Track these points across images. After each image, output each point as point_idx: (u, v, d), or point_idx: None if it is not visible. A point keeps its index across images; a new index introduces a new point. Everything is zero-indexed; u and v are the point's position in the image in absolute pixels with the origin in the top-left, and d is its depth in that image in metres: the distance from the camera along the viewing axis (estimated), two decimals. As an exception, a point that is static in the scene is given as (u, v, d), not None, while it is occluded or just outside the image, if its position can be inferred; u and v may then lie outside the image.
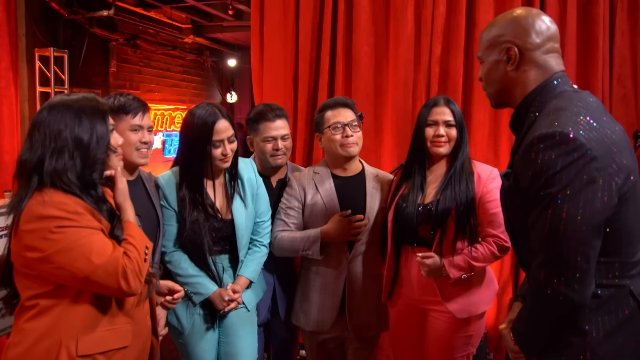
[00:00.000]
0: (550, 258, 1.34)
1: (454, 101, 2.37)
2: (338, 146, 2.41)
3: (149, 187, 2.28)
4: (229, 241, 2.36)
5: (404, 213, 2.30)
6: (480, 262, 2.23)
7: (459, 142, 2.30)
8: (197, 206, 2.28)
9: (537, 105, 1.48)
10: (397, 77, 3.36)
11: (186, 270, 2.30)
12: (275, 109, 2.57)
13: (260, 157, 2.62)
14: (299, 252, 2.43)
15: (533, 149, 1.35)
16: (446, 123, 2.29)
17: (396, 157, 3.37)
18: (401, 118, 3.35)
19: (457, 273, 2.22)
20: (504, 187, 1.55)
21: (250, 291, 2.44)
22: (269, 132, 2.54)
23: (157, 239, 2.26)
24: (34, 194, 1.51)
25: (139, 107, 2.14)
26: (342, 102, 2.46)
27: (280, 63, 3.60)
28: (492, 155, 3.34)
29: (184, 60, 8.66)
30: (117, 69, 6.85)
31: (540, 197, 1.34)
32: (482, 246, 2.24)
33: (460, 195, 2.21)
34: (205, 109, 2.25)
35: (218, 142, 2.24)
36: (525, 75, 1.52)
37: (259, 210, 2.45)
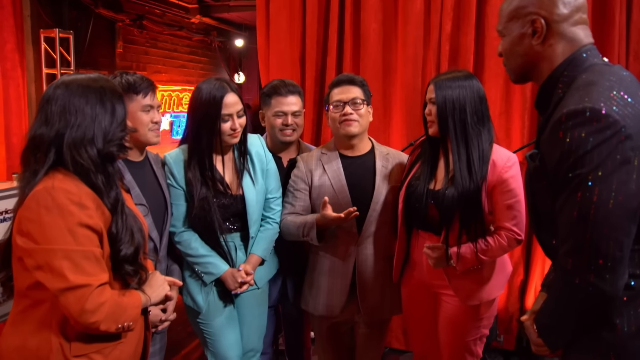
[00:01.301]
0: (579, 245, 1.22)
1: None
2: (337, 124, 2.33)
3: (156, 169, 2.22)
4: (240, 218, 2.31)
5: (413, 196, 2.20)
6: (489, 256, 2.12)
7: (441, 122, 2.10)
8: (206, 183, 2.21)
9: (565, 80, 1.36)
10: (406, 55, 3.27)
11: (197, 250, 2.24)
12: (289, 85, 2.53)
13: (271, 132, 2.57)
14: (300, 237, 2.35)
15: (561, 127, 1.23)
16: (430, 100, 2.16)
17: (405, 137, 3.30)
18: (410, 96, 3.26)
19: (464, 266, 2.12)
20: (529, 169, 1.43)
21: (261, 268, 2.38)
22: (280, 107, 2.49)
23: (165, 222, 2.20)
24: (47, 175, 1.44)
25: (149, 86, 2.08)
26: (347, 79, 2.35)
27: (287, 41, 3.51)
28: (504, 134, 3.24)
29: (191, 40, 8.49)
30: (123, 50, 6.72)
31: (569, 179, 1.23)
32: (493, 239, 2.11)
33: (469, 185, 2.06)
34: (213, 84, 2.18)
35: (227, 117, 2.18)
36: (552, 49, 1.39)
37: (270, 186, 2.39)
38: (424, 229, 2.22)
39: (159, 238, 2.14)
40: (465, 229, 2.10)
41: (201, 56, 8.98)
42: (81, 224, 1.41)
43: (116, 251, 1.49)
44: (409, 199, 2.23)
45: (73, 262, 1.39)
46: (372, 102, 3.07)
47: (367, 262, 2.36)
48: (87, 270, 1.41)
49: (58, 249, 1.38)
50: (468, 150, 2.08)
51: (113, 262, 1.51)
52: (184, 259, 2.30)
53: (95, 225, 1.44)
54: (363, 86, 2.35)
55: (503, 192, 2.08)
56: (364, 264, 2.35)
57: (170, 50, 7.99)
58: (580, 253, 1.22)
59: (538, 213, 1.46)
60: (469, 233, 2.11)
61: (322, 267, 2.40)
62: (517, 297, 3.33)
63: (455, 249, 2.10)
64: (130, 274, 1.54)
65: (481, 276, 2.18)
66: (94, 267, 1.42)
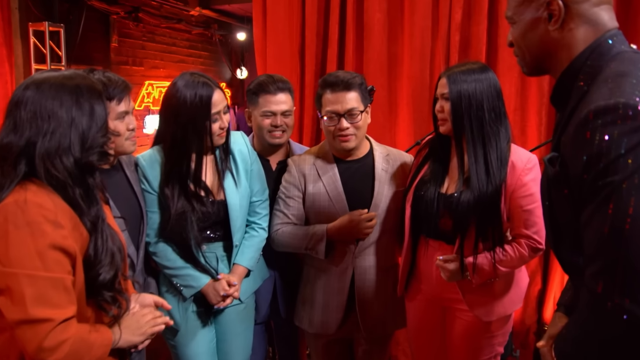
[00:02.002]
0: (611, 265, 1.07)
1: None
2: (332, 138, 2.20)
3: (129, 174, 2.09)
4: (223, 225, 2.19)
5: (423, 200, 2.08)
6: (508, 267, 2.01)
7: (456, 120, 1.98)
8: (185, 194, 2.09)
9: (588, 71, 1.21)
10: (413, 47, 3.18)
11: (175, 262, 2.13)
12: (278, 81, 2.39)
13: (258, 133, 2.44)
14: (301, 250, 2.24)
15: (588, 127, 1.08)
16: (443, 96, 2.03)
17: (412, 135, 3.20)
18: (418, 91, 3.16)
19: (481, 279, 2.01)
20: (548, 175, 1.28)
21: (245, 280, 2.26)
22: (268, 106, 2.36)
23: (141, 232, 2.07)
24: (19, 185, 1.31)
25: (123, 89, 1.91)
26: (343, 83, 2.14)
27: (285, 33, 3.43)
28: (519, 132, 3.13)
29: (190, 34, 8.43)
30: (118, 44, 6.63)
31: (598, 187, 1.07)
32: (512, 248, 2.00)
33: (487, 189, 1.94)
34: (194, 81, 2.04)
35: (216, 116, 2.07)
36: (572, 35, 1.25)
37: (254, 188, 2.27)
38: (435, 237, 2.11)
39: (135, 253, 2.02)
40: (482, 237, 1.99)
41: (201, 50, 8.92)
42: (53, 245, 1.28)
43: (94, 276, 1.36)
44: (417, 204, 2.11)
45: (38, 290, 1.26)
46: (376, 98, 2.98)
47: (367, 274, 2.25)
48: (53, 302, 1.28)
49: (22, 274, 1.25)
50: (485, 151, 1.96)
51: (89, 288, 1.38)
52: (160, 271, 2.19)
53: (69, 247, 1.31)
54: (361, 86, 2.18)
55: (523, 196, 1.97)
56: (363, 277, 2.24)
57: (168, 45, 7.93)
58: (612, 274, 1.07)
59: (556, 225, 1.31)
60: (485, 242, 1.99)
61: (316, 281, 2.29)
62: (535, 309, 3.23)
63: (470, 259, 1.99)
64: (108, 300, 1.41)
65: (497, 289, 2.08)
66: (61, 297, 1.29)
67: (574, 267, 1.26)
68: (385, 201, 2.22)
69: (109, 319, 1.46)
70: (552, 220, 1.33)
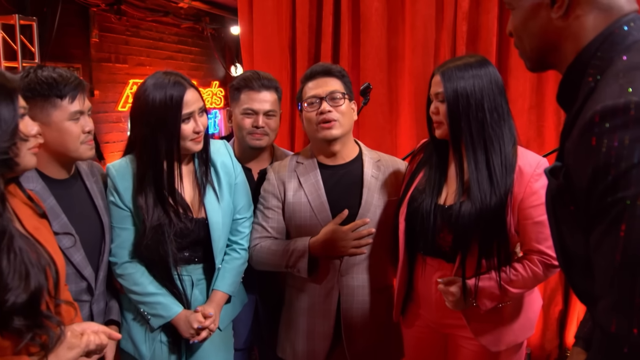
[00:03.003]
0: (626, 299, 0.97)
1: None
2: (314, 126, 2.16)
3: (89, 185, 2.04)
4: (203, 246, 2.15)
5: (418, 213, 2.03)
6: (520, 288, 1.94)
7: (453, 123, 1.93)
8: (162, 206, 2.05)
9: (598, 63, 1.13)
10: (416, 39, 3.18)
11: (144, 287, 2.08)
12: (263, 78, 2.38)
13: (238, 135, 2.42)
14: (282, 268, 2.19)
15: (594, 131, 0.99)
16: (437, 96, 1.98)
17: (415, 138, 3.19)
18: (421, 89, 3.13)
19: (490, 303, 1.94)
20: (551, 189, 1.20)
21: (225, 306, 2.21)
22: (250, 104, 2.35)
23: (102, 251, 2.02)
24: None
25: (77, 86, 1.86)
26: (322, 69, 2.20)
27: (273, 25, 3.46)
28: (535, 134, 3.12)
29: (179, 28, 8.46)
30: (99, 40, 6.65)
31: (607, 205, 0.98)
32: (524, 266, 1.93)
33: (490, 199, 1.88)
34: (165, 80, 2.00)
35: (188, 116, 2.02)
36: (580, 23, 1.17)
37: (239, 204, 2.24)
38: (432, 254, 2.05)
39: (94, 275, 1.96)
40: (485, 254, 1.92)
41: (191, 46, 8.96)
42: None
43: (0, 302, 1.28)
44: (412, 217, 2.05)
45: None
46: (374, 97, 2.94)
47: (355, 296, 2.19)
48: None
49: None
50: (487, 156, 1.90)
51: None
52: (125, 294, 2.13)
53: None
54: (343, 77, 2.19)
55: (533, 206, 1.89)
56: (351, 299, 2.19)
57: (155, 40, 7.97)
58: (628, 309, 0.97)
59: (565, 247, 1.22)
60: (490, 259, 1.93)
61: (299, 304, 2.24)
62: (555, 333, 3.21)
63: (473, 281, 1.92)
64: (22, 330, 1.33)
65: (506, 314, 2.01)
66: None
67: (589, 296, 1.18)
68: (375, 211, 2.17)
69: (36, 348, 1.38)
70: (559, 241, 1.25)
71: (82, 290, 1.92)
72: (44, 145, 1.77)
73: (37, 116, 1.75)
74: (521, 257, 1.97)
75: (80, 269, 1.88)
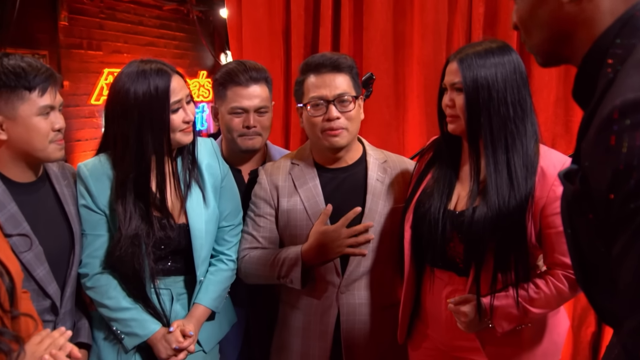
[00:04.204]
0: None
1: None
2: (319, 132, 2.19)
3: (59, 188, 2.08)
4: (183, 256, 2.20)
5: (426, 219, 2.06)
6: (542, 308, 1.95)
7: (471, 117, 1.95)
8: (142, 211, 2.10)
9: (617, 52, 1.15)
10: (425, 23, 3.18)
11: (117, 301, 2.12)
12: (251, 69, 2.41)
13: (227, 136, 2.46)
14: (274, 279, 2.23)
15: (613, 129, 1.01)
16: (453, 86, 1.99)
17: (425, 134, 3.19)
18: (431, 79, 3.13)
19: (508, 325, 1.96)
20: (566, 196, 1.22)
21: (209, 325, 2.26)
22: (238, 101, 2.38)
23: (70, 264, 2.05)
24: None
25: (48, 78, 1.90)
26: (330, 63, 2.18)
27: (265, 7, 3.46)
28: (562, 129, 3.11)
29: (161, 10, 8.48)
30: (69, 23, 6.65)
31: (630, 212, 0.99)
32: (546, 282, 1.94)
33: (509, 204, 1.90)
34: (145, 68, 2.04)
35: (176, 104, 2.07)
36: (594, 6, 1.19)
37: (225, 210, 2.29)
38: (442, 266, 2.09)
39: (59, 292, 1.98)
40: (502, 268, 1.94)
41: (175, 31, 8.98)
42: None
43: None
44: (419, 223, 2.09)
45: None
46: (379, 89, 2.97)
47: (357, 315, 2.23)
48: None
49: None
50: (509, 156, 1.93)
51: None
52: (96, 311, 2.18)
53: None
54: (352, 70, 2.21)
55: (557, 213, 1.90)
56: (352, 318, 2.23)
57: (133, 24, 7.98)
58: None
59: (583, 259, 1.25)
60: (507, 274, 1.95)
61: (293, 324, 2.29)
62: (588, 358, 3.19)
63: (488, 299, 1.94)
64: None
65: (527, 338, 2.04)
66: None
67: (613, 316, 1.20)
68: (379, 220, 2.22)
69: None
70: (577, 254, 1.27)
71: (45, 309, 1.93)
72: (7, 142, 1.82)
73: (2, 109, 1.80)
74: (543, 272, 1.99)
75: (44, 285, 1.90)
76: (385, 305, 2.26)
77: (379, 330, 2.25)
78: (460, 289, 2.01)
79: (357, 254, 2.17)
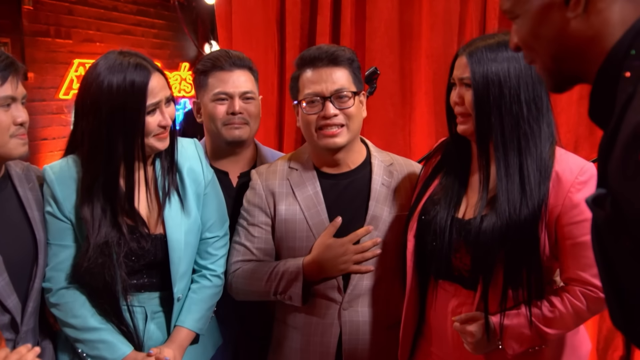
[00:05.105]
0: None
1: None
2: (314, 131, 2.22)
3: (22, 192, 2.09)
4: (160, 270, 2.20)
5: (431, 227, 2.09)
6: (557, 328, 1.97)
7: (481, 115, 1.97)
8: (112, 218, 2.11)
9: (634, 64, 1.18)
10: (435, 12, 3.22)
11: (84, 321, 2.12)
12: (234, 57, 2.48)
13: (211, 130, 2.50)
14: (270, 296, 2.25)
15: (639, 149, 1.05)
16: (462, 81, 2.02)
17: (434, 135, 3.22)
18: (441, 75, 3.15)
19: (519, 347, 1.98)
20: (596, 223, 1.25)
21: (192, 349, 2.26)
22: (221, 87, 2.44)
23: (33, 275, 2.06)
24: None
25: (7, 66, 1.92)
26: (326, 56, 2.21)
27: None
28: (586, 130, 3.14)
29: (139, -6, 8.52)
30: (34, 8, 6.66)
31: None
32: (562, 300, 1.96)
33: (520, 212, 1.93)
34: (123, 62, 2.06)
35: (153, 107, 2.08)
36: (603, 18, 1.22)
37: (209, 219, 2.30)
38: (447, 278, 2.11)
39: (20, 307, 1.98)
40: (512, 282, 1.97)
41: (154, 18, 8.99)
42: None
43: None
44: (423, 232, 2.12)
45: None
46: (383, 85, 2.99)
47: (360, 334, 2.25)
48: None
49: None
50: (521, 159, 1.95)
51: None
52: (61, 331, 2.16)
53: None
54: (352, 64, 2.24)
55: (574, 222, 1.94)
56: (355, 338, 2.25)
57: (107, 9, 7.97)
58: None
59: (619, 290, 1.28)
60: (518, 289, 1.97)
61: (290, 344, 2.30)
62: None
63: (497, 318, 1.97)
64: None
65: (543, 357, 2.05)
66: None
67: None
68: (383, 229, 2.24)
69: None
70: (613, 286, 1.29)
71: (4, 325, 1.93)
72: None
73: None
74: (559, 288, 2.01)
75: (2, 298, 1.90)
76: (391, 323, 2.26)
77: (384, 351, 2.27)
78: (467, 303, 2.04)
79: (363, 272, 2.21)
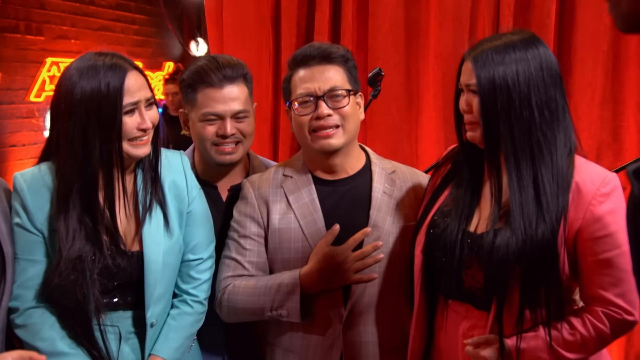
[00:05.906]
0: None
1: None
2: (307, 133, 2.26)
3: None
4: (136, 290, 2.21)
5: (440, 242, 2.12)
6: (578, 352, 1.99)
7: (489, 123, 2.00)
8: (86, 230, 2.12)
9: None
10: (444, 8, 3.26)
11: (51, 344, 2.11)
12: (225, 66, 2.44)
13: (200, 147, 2.50)
14: (264, 314, 2.26)
15: None
16: (469, 87, 2.05)
17: (443, 141, 3.27)
18: (450, 76, 3.05)
19: None
20: (635, 197, 1.29)
21: None
22: (211, 106, 2.41)
23: (1, 293, 2.08)
24: None
25: None
26: (318, 53, 2.26)
27: None
28: (609, 137, 3.19)
29: (118, -13, 8.53)
30: (2, 1, 6.65)
31: None
32: (583, 321, 1.98)
33: (537, 227, 1.95)
34: (99, 63, 2.09)
35: (131, 107, 2.10)
36: None
37: (192, 239, 2.32)
38: (457, 297, 2.14)
39: None
40: (529, 302, 1.99)
41: (135, 12, 9.01)
42: None
43: None
44: (432, 247, 2.15)
45: None
46: (387, 87, 3.02)
47: (363, 356, 2.27)
48: None
49: None
50: (535, 169, 1.98)
51: None
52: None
53: None
54: (347, 62, 2.29)
55: (596, 237, 1.95)
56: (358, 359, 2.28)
57: (83, 3, 7.98)
58: None
59: None
60: (536, 310, 1.99)
61: None
62: None
63: (513, 340, 1.99)
64: None
65: None
66: None
67: None
68: (387, 239, 2.26)
69: None
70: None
71: None
72: None
73: None
74: (580, 309, 2.03)
75: None
76: (397, 345, 2.28)
77: None
78: (479, 325, 2.05)
79: (366, 280, 2.20)
